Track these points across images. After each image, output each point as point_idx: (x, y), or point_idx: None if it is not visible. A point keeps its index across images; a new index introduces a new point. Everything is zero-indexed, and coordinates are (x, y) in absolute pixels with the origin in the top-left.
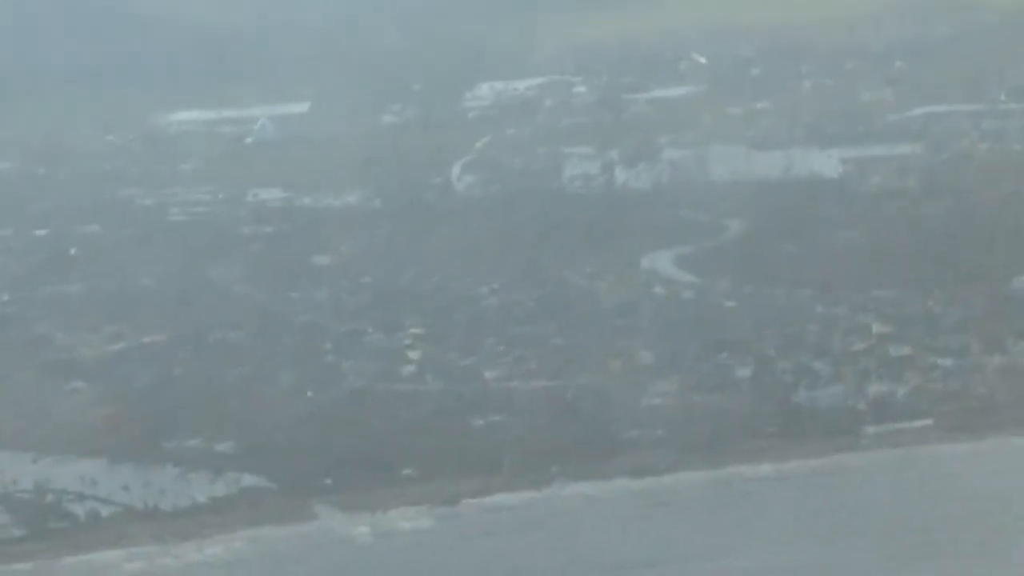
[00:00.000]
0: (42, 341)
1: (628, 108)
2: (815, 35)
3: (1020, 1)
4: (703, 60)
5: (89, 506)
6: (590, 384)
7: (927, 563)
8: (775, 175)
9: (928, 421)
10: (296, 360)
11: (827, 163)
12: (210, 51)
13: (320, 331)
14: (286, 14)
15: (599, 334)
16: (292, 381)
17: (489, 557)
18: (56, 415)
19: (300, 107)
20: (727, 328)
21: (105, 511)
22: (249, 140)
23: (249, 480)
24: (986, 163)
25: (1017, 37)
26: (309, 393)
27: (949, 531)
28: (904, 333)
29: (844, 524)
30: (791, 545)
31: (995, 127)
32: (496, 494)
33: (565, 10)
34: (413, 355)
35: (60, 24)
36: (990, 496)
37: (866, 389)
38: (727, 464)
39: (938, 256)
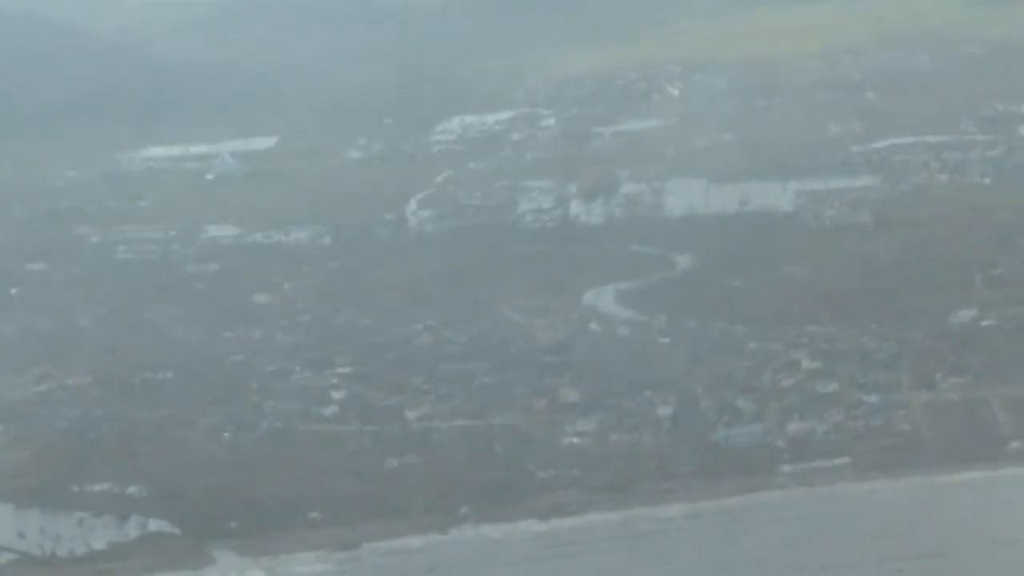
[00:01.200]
0: None
1: (594, 141)
2: (792, 67)
3: (1002, 34)
4: (676, 93)
5: None
6: (511, 424)
7: None
8: (730, 209)
9: (846, 459)
10: (219, 401)
11: (783, 197)
12: (183, 87)
13: (248, 371)
14: (261, 49)
15: (528, 372)
16: (212, 422)
17: None
18: None
19: (267, 142)
20: (656, 365)
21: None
22: (210, 176)
23: (155, 525)
24: (942, 196)
25: (994, 69)
26: (227, 434)
27: (852, 570)
28: (834, 369)
29: (745, 565)
30: None
31: (956, 159)
32: (400, 537)
33: (543, 44)
34: (337, 395)
35: (32, 60)
36: (897, 534)
37: (787, 427)
38: (637, 505)
39: (881, 291)
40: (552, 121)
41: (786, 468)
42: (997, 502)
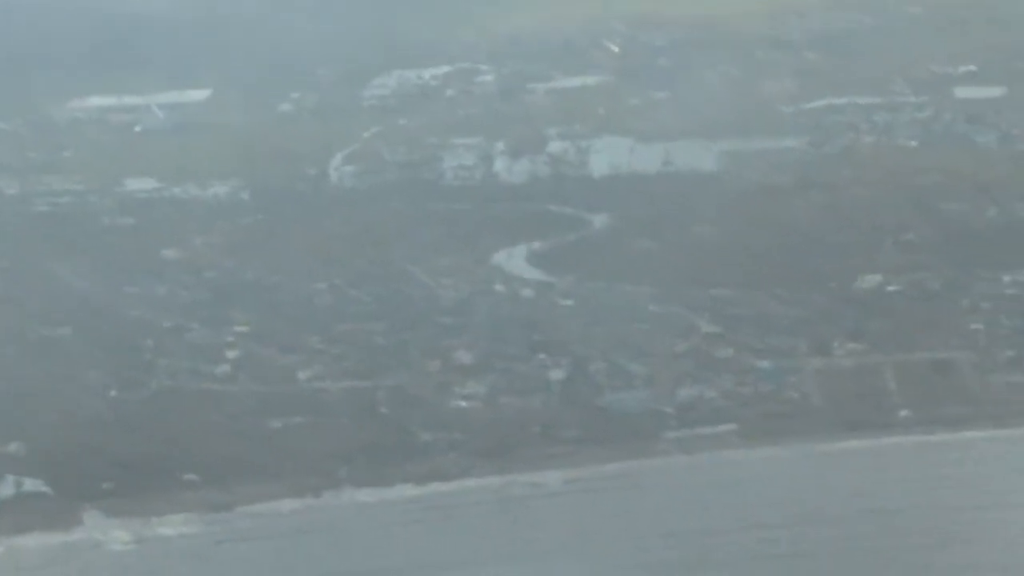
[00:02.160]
0: None
1: (527, 98)
2: (736, 26)
3: None
4: (616, 49)
5: None
6: (400, 385)
7: (697, 572)
8: (653, 169)
9: (732, 426)
10: (111, 358)
11: (707, 157)
12: (117, 37)
13: (145, 328)
14: (191, 7)
15: (426, 333)
16: (100, 380)
17: (241, 564)
18: None
19: (201, 94)
20: (555, 328)
21: None
22: (138, 128)
23: (30, 485)
24: (866, 158)
25: (936, 30)
26: (113, 393)
27: (719, 536)
28: (732, 334)
29: (613, 532)
30: (550, 555)
31: (885, 121)
32: (274, 500)
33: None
34: (231, 354)
35: None
36: (772, 502)
37: (676, 392)
38: (517, 470)
39: (791, 254)
40: (489, 77)
41: (671, 434)
42: (877, 470)
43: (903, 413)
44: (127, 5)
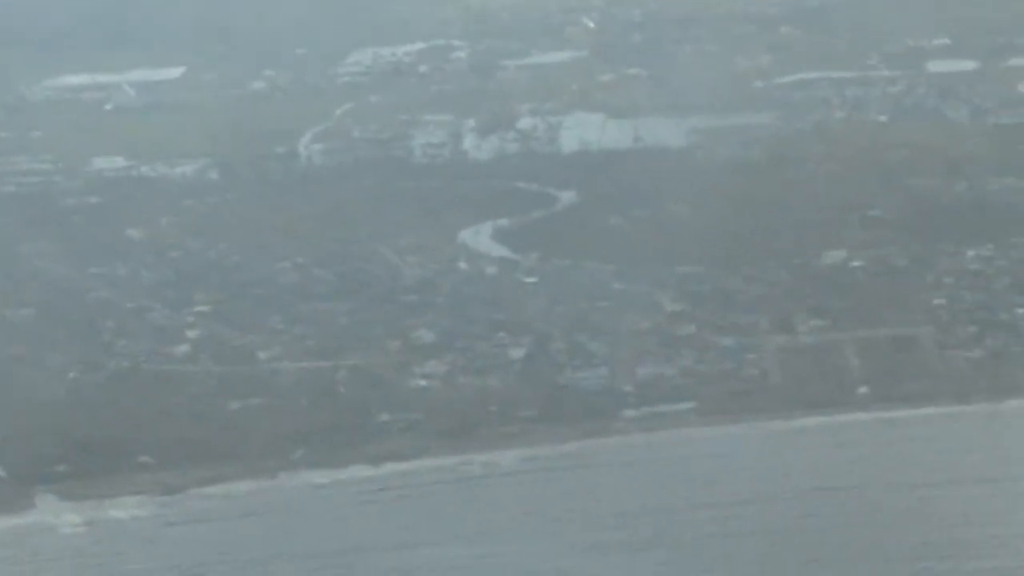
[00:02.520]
0: None
1: (500, 74)
2: (712, 1)
3: None
4: (592, 25)
5: None
6: (360, 365)
7: (649, 550)
8: (623, 145)
9: (691, 404)
10: (72, 339)
11: (677, 133)
12: (91, 14)
13: (106, 308)
14: None
15: (388, 312)
16: (60, 361)
17: (191, 546)
18: None
19: (175, 72)
20: (518, 306)
21: None
22: (108, 107)
23: None
24: (837, 133)
25: (908, 3)
26: (72, 374)
27: (677, 517)
28: (695, 311)
29: (563, 512)
30: (504, 534)
31: (858, 95)
32: (229, 482)
33: None
34: (191, 334)
35: None
36: (724, 480)
37: (636, 370)
38: (474, 450)
39: (758, 231)
40: (463, 53)
41: (629, 413)
42: (835, 448)
43: (862, 390)
44: None
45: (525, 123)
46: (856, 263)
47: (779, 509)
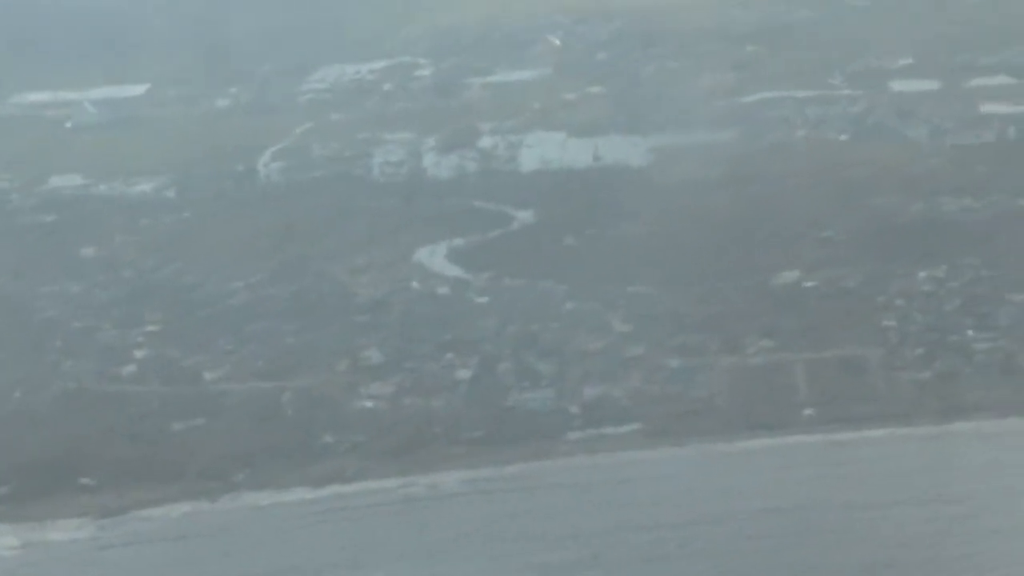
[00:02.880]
0: None
1: (463, 93)
2: (679, 18)
3: None
4: (557, 43)
5: None
6: (307, 386)
7: (587, 572)
8: (584, 163)
9: (636, 426)
10: (19, 359)
11: (636, 151)
12: (57, 31)
13: (55, 328)
14: None
15: (337, 332)
16: (5, 381)
17: (126, 569)
18: None
19: (138, 89)
20: (467, 326)
21: None
22: (69, 124)
23: None
24: (796, 153)
25: (878, 22)
26: (17, 394)
27: (617, 539)
28: (644, 332)
29: (507, 533)
30: (444, 556)
31: (819, 114)
32: (169, 504)
33: None
34: (139, 354)
35: None
36: (656, 503)
37: (583, 392)
38: (417, 471)
39: (712, 250)
40: (427, 71)
41: (574, 435)
42: (778, 469)
43: (807, 412)
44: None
45: (486, 142)
46: (809, 283)
47: (721, 530)
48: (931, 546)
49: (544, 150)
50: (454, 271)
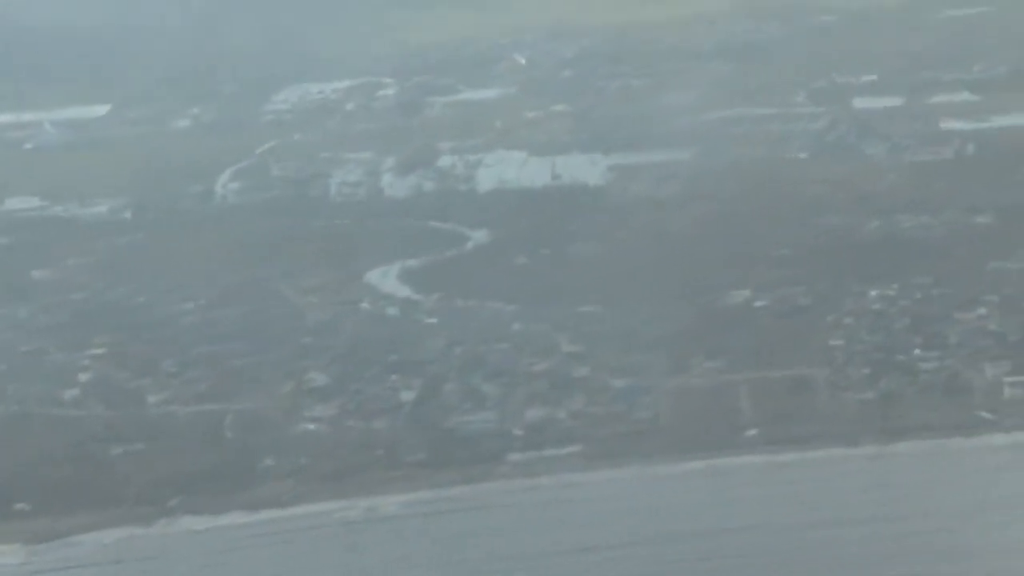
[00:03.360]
0: None
1: (426, 112)
2: (645, 36)
3: (859, 2)
4: (523, 61)
5: None
6: (249, 409)
7: None
8: (541, 182)
9: (577, 447)
10: None
11: (594, 170)
12: (20, 51)
13: (1, 352)
14: (105, 12)
15: (284, 354)
16: None
17: None
18: None
19: (100, 110)
20: (414, 347)
21: None
22: (29, 146)
23: None
24: (754, 171)
25: (844, 38)
26: None
27: (553, 562)
28: (591, 352)
29: (445, 557)
30: None
31: (779, 132)
32: (103, 529)
33: (399, 9)
34: (83, 377)
35: None
36: (605, 525)
37: (525, 413)
38: (355, 495)
39: (665, 269)
40: (391, 91)
41: (515, 457)
42: (719, 491)
43: (751, 432)
44: (36, 18)
45: (445, 161)
46: (759, 303)
47: (659, 553)
48: (869, 566)
49: (503, 169)
50: (405, 292)
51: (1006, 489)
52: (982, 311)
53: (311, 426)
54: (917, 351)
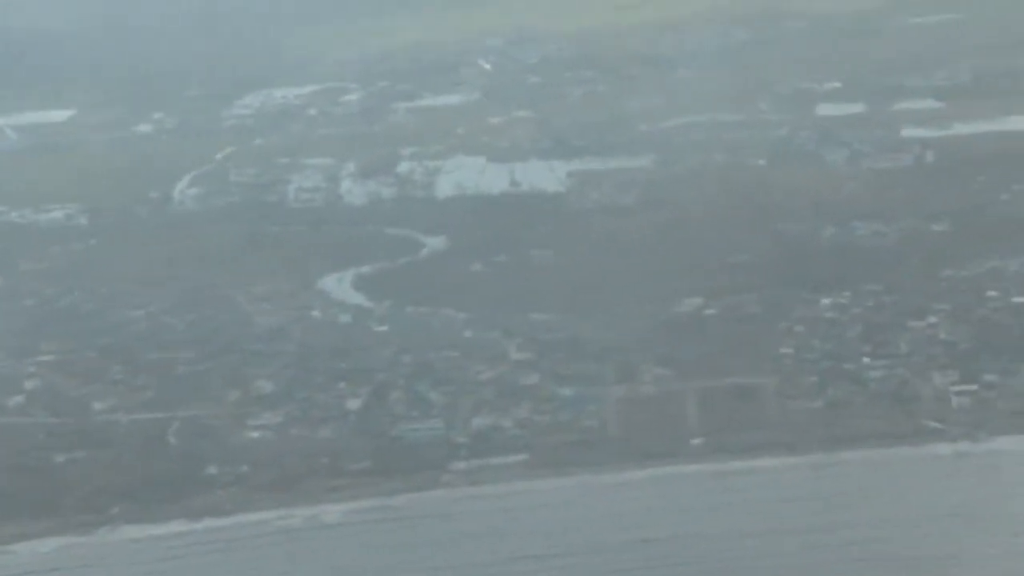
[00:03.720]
0: None
1: (388, 118)
2: (612, 42)
3: (828, 8)
4: (488, 67)
5: None
6: (196, 417)
7: None
8: (500, 189)
9: (522, 456)
10: None
11: (553, 177)
12: None
13: None
14: (75, 18)
15: (232, 362)
16: None
17: None
18: None
19: (64, 114)
20: (363, 355)
21: None
22: None
23: None
24: (712, 178)
25: (814, 44)
26: None
27: (491, 571)
28: (541, 360)
29: (384, 566)
30: None
31: (740, 139)
32: (43, 538)
33: (367, 15)
34: (29, 384)
35: None
36: (545, 534)
37: (471, 422)
38: (297, 503)
39: (619, 277)
40: (354, 96)
41: (459, 465)
42: (660, 499)
43: (696, 441)
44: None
45: (404, 167)
46: (711, 311)
47: (600, 561)
48: (812, 573)
49: (462, 176)
50: (357, 299)
51: (948, 499)
52: (933, 319)
53: (256, 434)
54: (866, 359)
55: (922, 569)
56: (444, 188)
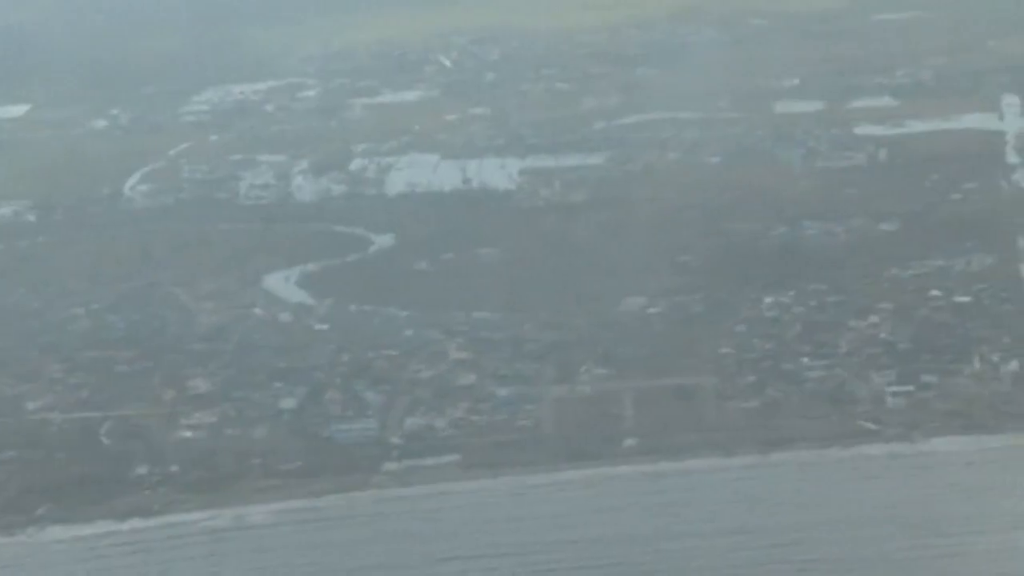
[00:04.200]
0: None
1: (344, 114)
2: (575, 40)
3: (794, 6)
4: (448, 64)
5: None
6: (130, 416)
7: None
8: (451, 186)
9: (454, 457)
10: None
11: (506, 174)
12: None
13: None
14: (36, 12)
15: (170, 360)
16: None
17: None
18: None
19: (18, 110)
20: (301, 354)
21: None
22: None
23: None
24: (665, 176)
25: (777, 42)
26: None
27: (415, 572)
28: (480, 360)
29: (310, 567)
30: None
31: (695, 137)
32: None
33: (328, 12)
34: None
35: None
36: (471, 535)
37: (405, 422)
38: (225, 504)
39: (565, 275)
40: (312, 92)
41: (391, 466)
42: (589, 500)
43: (630, 442)
44: None
45: (357, 164)
46: (653, 310)
47: (524, 562)
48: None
49: (414, 173)
50: (300, 297)
51: (876, 500)
52: (875, 319)
53: (189, 434)
54: (805, 359)
55: (851, 572)
56: (395, 185)
